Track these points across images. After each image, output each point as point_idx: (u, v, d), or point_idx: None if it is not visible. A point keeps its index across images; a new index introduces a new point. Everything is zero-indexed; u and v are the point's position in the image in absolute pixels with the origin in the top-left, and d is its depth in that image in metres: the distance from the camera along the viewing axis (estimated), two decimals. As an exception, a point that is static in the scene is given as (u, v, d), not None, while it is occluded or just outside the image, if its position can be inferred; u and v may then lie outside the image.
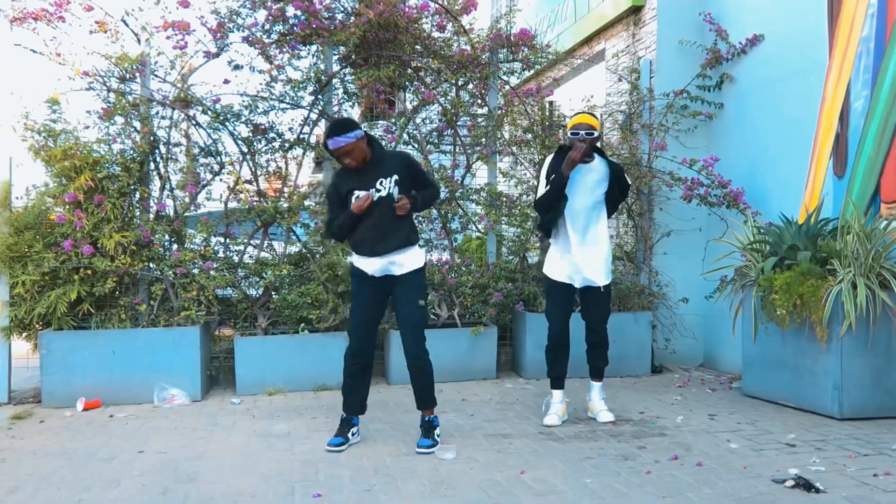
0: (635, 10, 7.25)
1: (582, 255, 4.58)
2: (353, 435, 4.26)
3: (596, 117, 4.66)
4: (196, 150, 6.14)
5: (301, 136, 6.30)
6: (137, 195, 5.91)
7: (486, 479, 3.57)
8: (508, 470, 3.71)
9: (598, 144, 4.77)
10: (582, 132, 4.46)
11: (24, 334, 5.84)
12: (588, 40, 8.27)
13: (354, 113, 7.70)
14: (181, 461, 3.94)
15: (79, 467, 3.88)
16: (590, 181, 4.59)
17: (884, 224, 4.87)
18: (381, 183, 4.04)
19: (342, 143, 3.93)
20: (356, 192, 4.04)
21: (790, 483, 3.36)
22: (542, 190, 4.59)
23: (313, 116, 6.32)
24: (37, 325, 5.66)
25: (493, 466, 3.78)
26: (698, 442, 4.19)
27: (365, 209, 3.99)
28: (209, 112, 5.99)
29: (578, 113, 4.69)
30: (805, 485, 3.31)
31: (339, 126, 4.02)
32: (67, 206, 5.52)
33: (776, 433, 4.35)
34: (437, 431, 4.18)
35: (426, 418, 4.22)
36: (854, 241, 4.75)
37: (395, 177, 4.06)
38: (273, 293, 6.01)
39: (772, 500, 3.18)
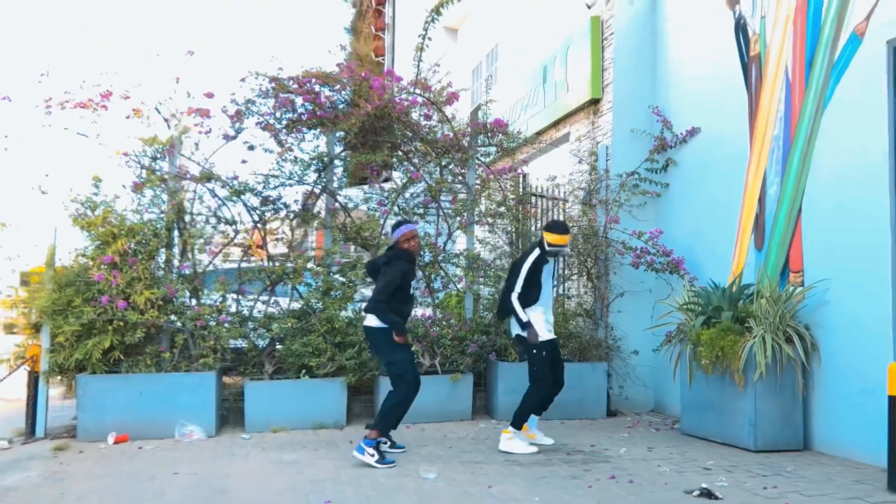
0: (594, 102, 8.42)
1: (551, 316, 5.92)
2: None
3: (570, 234, 6.12)
4: (214, 219, 7.10)
5: (306, 208, 7.30)
6: (163, 257, 6.85)
7: (461, 492, 4.48)
8: (479, 486, 4.62)
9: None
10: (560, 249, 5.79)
11: (59, 378, 6.70)
12: (556, 124, 9.43)
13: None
14: (212, 480, 4.81)
15: (127, 484, 4.73)
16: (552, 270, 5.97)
17: (791, 289, 5.92)
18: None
19: (414, 227, 5.56)
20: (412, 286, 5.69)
21: (696, 493, 4.31)
22: (521, 283, 5.69)
23: (316, 191, 7.34)
24: (72, 370, 6.50)
25: (467, 483, 4.69)
26: (635, 466, 5.14)
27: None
28: (228, 187, 6.99)
29: (561, 233, 5.75)
30: (707, 494, 4.27)
31: (407, 220, 6.09)
32: (104, 267, 6.44)
33: (699, 461, 5.31)
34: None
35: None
36: (765, 304, 5.79)
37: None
38: (278, 343, 6.92)
39: (680, 505, 4.13)
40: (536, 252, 5.72)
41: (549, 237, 5.72)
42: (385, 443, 5.49)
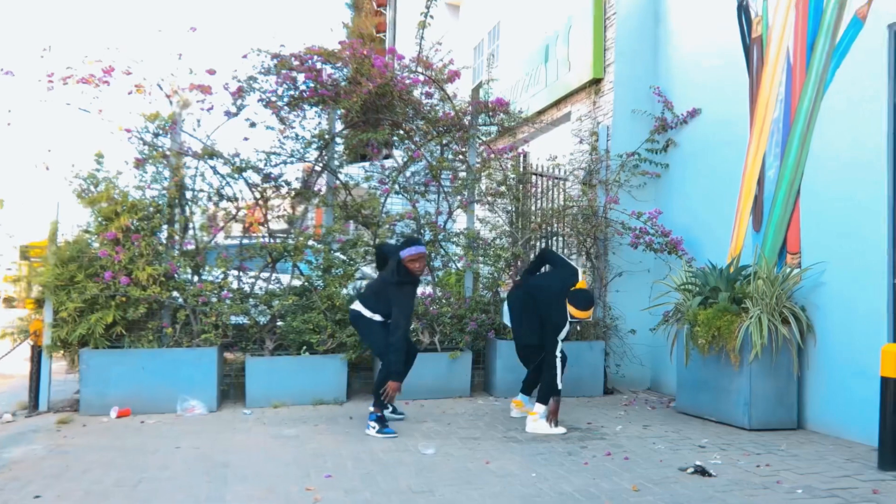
0: (596, 82, 8.42)
1: None
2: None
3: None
4: (216, 196, 7.12)
5: (307, 185, 7.32)
6: (165, 233, 6.88)
7: (459, 466, 4.56)
8: (477, 461, 4.70)
9: None
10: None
11: (62, 352, 6.77)
12: (557, 103, 9.43)
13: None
14: (214, 453, 4.89)
15: (131, 457, 4.81)
16: None
17: (788, 271, 5.98)
18: None
19: (423, 249, 5.63)
20: None
21: (690, 470, 4.39)
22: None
23: (318, 168, 7.36)
24: (74, 345, 6.56)
25: (464, 458, 4.77)
26: (630, 444, 5.22)
27: None
28: (229, 164, 7.00)
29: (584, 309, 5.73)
30: (701, 471, 4.35)
31: (419, 240, 5.86)
32: (107, 243, 6.47)
33: (694, 438, 5.39)
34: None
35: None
36: (762, 284, 5.85)
37: None
38: (279, 320, 6.99)
39: (674, 482, 4.21)
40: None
41: (575, 312, 5.68)
42: (388, 408, 5.85)
